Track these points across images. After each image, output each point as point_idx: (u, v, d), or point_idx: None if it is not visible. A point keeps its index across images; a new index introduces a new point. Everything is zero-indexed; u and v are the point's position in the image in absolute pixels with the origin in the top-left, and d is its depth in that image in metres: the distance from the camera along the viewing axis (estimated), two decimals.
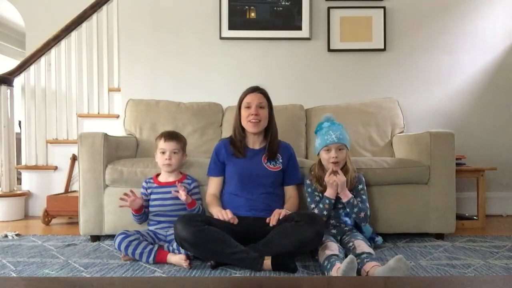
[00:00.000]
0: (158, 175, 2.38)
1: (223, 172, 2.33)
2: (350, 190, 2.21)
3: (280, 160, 2.30)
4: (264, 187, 2.23)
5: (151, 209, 2.30)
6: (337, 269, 1.74)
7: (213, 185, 2.33)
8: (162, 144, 2.33)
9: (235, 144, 2.31)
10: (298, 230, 1.92)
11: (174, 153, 2.32)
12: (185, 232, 1.92)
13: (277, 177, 2.29)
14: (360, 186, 2.28)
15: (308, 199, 2.29)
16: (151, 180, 2.36)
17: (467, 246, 2.34)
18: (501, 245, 2.33)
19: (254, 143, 2.33)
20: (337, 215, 2.23)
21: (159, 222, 2.27)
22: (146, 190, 2.33)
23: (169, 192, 2.25)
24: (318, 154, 2.31)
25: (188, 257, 1.99)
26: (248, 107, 2.26)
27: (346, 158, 2.26)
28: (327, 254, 1.88)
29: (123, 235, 2.09)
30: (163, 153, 2.32)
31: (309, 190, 2.29)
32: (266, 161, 2.28)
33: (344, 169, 2.24)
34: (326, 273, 1.82)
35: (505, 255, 2.15)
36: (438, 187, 2.47)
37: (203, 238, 1.92)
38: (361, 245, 1.96)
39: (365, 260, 1.83)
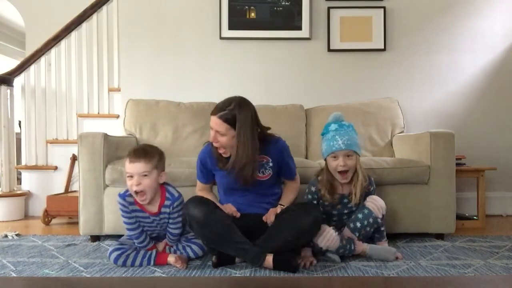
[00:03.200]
0: None
1: (212, 178, 2.21)
2: (362, 196, 2.11)
3: (270, 165, 2.11)
4: (257, 193, 2.15)
5: None
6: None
7: (201, 187, 2.25)
8: (127, 166, 1.92)
9: (217, 157, 2.10)
10: (296, 219, 1.93)
11: (144, 176, 1.91)
12: (197, 210, 1.91)
13: (269, 183, 2.15)
14: (372, 189, 2.19)
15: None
16: (131, 199, 2.00)
17: (467, 246, 2.34)
18: (501, 245, 2.33)
19: None
20: (341, 222, 2.17)
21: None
22: (130, 213, 2.00)
23: (154, 221, 2.03)
24: (326, 159, 2.14)
25: (186, 258, 1.99)
26: (211, 129, 2.03)
27: (356, 165, 2.07)
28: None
29: (118, 252, 1.96)
30: (131, 177, 1.91)
31: (309, 197, 2.15)
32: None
33: (355, 178, 2.08)
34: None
35: (505, 255, 2.15)
36: (438, 187, 2.47)
37: (213, 220, 1.91)
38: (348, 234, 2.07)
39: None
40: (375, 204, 2.10)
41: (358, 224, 2.07)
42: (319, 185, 2.12)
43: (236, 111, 1.98)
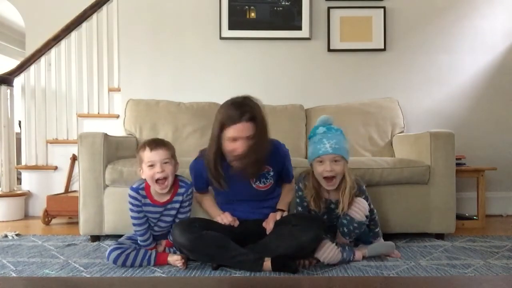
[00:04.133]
0: (148, 184, 2.04)
1: (208, 185, 2.17)
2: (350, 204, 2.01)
3: (271, 174, 2.07)
4: (257, 201, 2.13)
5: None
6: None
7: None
8: (148, 156, 1.95)
9: (213, 174, 2.01)
10: (296, 234, 1.89)
11: (165, 163, 1.95)
12: (183, 238, 1.89)
13: (269, 192, 2.12)
14: (364, 197, 2.07)
15: (297, 200, 2.11)
16: (144, 193, 2.02)
17: (467, 246, 2.34)
18: (501, 245, 2.33)
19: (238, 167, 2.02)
20: (333, 226, 2.12)
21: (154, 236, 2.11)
22: (142, 207, 2.02)
23: (164, 211, 2.05)
24: (311, 164, 2.02)
25: (186, 257, 1.99)
26: (234, 140, 1.90)
27: (343, 171, 1.96)
28: None
29: (117, 251, 1.94)
30: (152, 165, 1.95)
31: (300, 193, 2.08)
32: (254, 180, 2.06)
33: (343, 185, 1.97)
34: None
35: (505, 255, 2.15)
36: (438, 187, 2.47)
37: (201, 245, 1.88)
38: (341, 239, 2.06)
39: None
40: (356, 208, 1.98)
41: (345, 229, 2.02)
42: (305, 191, 2.03)
43: (255, 110, 1.91)
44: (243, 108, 1.89)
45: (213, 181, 2.04)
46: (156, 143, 1.99)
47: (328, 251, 1.93)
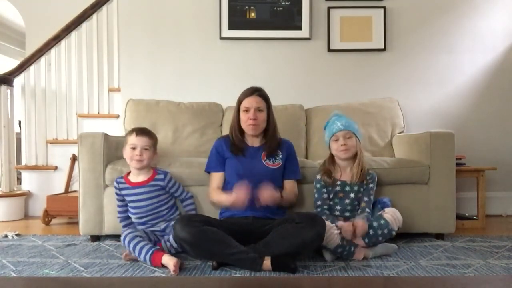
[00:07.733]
0: (128, 173, 2.31)
1: (224, 168, 2.30)
2: (360, 185, 2.22)
3: (280, 156, 2.28)
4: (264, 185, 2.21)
5: (130, 210, 2.28)
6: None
7: (215, 180, 2.30)
8: (133, 139, 2.24)
9: (234, 143, 2.29)
10: (299, 231, 1.91)
11: (145, 149, 2.23)
12: (184, 232, 1.92)
13: (277, 174, 2.27)
14: (371, 186, 2.25)
15: (316, 195, 2.25)
16: (122, 180, 2.28)
17: (467, 246, 2.34)
18: (501, 245, 2.34)
19: (253, 141, 2.32)
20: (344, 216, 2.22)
21: (144, 223, 2.25)
22: (120, 191, 2.27)
23: (143, 193, 2.23)
24: (330, 147, 2.29)
25: (178, 262, 1.95)
26: (247, 111, 2.24)
27: (356, 146, 2.22)
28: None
29: (130, 229, 2.12)
30: (134, 148, 2.22)
31: (318, 186, 2.25)
32: (265, 158, 2.27)
33: (355, 159, 2.22)
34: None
35: (505, 255, 2.15)
36: (438, 187, 2.47)
37: (202, 239, 1.91)
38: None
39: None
40: (394, 217, 2.12)
41: (371, 232, 2.08)
42: (321, 171, 2.27)
43: (265, 93, 2.32)
44: (256, 88, 2.32)
45: (233, 147, 2.28)
46: (141, 131, 2.28)
47: (328, 234, 1.97)
